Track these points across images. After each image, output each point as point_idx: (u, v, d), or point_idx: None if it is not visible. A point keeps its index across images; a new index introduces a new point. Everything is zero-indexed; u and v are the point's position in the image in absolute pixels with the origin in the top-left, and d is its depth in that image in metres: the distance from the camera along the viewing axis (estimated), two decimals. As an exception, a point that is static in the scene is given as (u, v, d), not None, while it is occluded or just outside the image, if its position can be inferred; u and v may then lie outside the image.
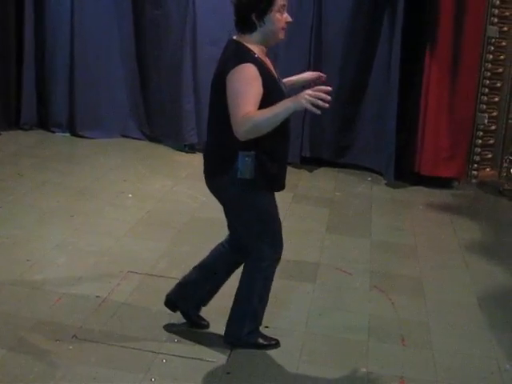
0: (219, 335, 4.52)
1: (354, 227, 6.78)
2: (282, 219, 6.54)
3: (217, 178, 4.19)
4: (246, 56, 3.97)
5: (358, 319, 4.97)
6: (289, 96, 4.03)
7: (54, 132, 9.09)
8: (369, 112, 8.45)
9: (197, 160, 8.39)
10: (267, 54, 4.15)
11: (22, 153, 8.38)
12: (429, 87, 7.90)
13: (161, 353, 4.33)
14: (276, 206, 4.34)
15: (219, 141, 4.15)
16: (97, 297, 4.89)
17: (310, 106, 3.74)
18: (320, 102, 3.73)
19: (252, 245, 4.34)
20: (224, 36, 8.44)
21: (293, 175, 8.13)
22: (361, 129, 8.55)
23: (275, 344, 4.52)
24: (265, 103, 3.89)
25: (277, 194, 7.22)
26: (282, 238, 4.39)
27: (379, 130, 8.34)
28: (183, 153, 8.71)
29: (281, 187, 4.32)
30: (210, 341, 4.51)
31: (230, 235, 4.57)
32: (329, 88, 3.84)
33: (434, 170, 8.06)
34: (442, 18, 7.75)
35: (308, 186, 7.92)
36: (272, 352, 4.46)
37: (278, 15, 3.99)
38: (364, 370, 4.35)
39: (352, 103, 8.48)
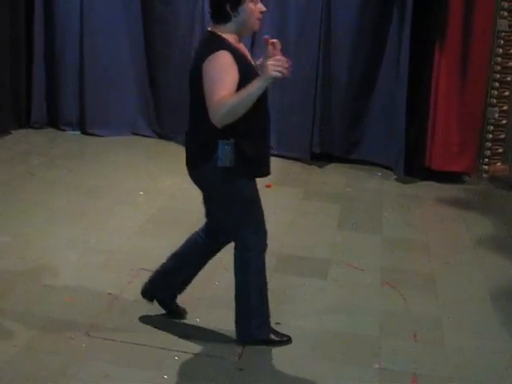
0: (231, 331, 4.52)
1: (365, 223, 6.77)
2: (292, 215, 6.67)
3: (198, 168, 4.21)
4: (220, 44, 4.01)
5: (370, 315, 4.96)
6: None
7: (64, 130, 9.12)
8: (378, 107, 8.43)
9: (207, 157, 8.45)
10: (241, 42, 4.19)
11: (33, 151, 8.41)
12: (439, 82, 7.87)
13: (173, 350, 4.34)
14: (258, 194, 4.34)
15: (199, 131, 4.19)
16: (109, 294, 4.90)
17: (278, 74, 3.83)
18: (284, 70, 3.85)
19: (235, 234, 4.38)
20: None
21: (303, 171, 8.19)
22: (370, 124, 8.53)
23: (287, 340, 4.53)
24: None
25: (287, 191, 7.32)
26: (264, 225, 4.39)
27: (389, 126, 8.32)
28: (193, 150, 8.70)
29: (263, 173, 4.32)
30: (222, 338, 4.52)
31: (207, 224, 4.60)
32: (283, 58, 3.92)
33: (444, 164, 8.04)
34: (451, 12, 7.72)
35: (319, 182, 7.91)
36: (284, 348, 4.46)
37: (251, 5, 4.06)
38: (376, 366, 4.34)
39: (361, 99, 8.47)
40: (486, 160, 8.29)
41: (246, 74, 3.98)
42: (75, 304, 4.79)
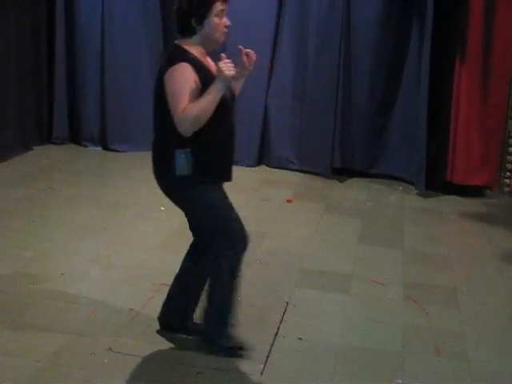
0: (253, 346, 4.52)
1: (387, 237, 6.75)
2: (313, 230, 6.68)
3: (162, 178, 4.32)
4: (182, 56, 4.10)
5: (392, 330, 4.94)
6: (230, 93, 4.25)
7: (85, 146, 9.18)
8: (399, 121, 8.44)
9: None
10: (209, 56, 4.29)
11: (55, 167, 8.45)
12: (459, 95, 7.86)
13: (195, 366, 4.33)
14: (224, 198, 4.38)
15: (160, 142, 4.29)
16: (131, 310, 4.90)
17: (233, 73, 4.00)
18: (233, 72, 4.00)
19: (208, 238, 4.43)
20: (253, 49, 8.54)
21: (324, 186, 8.19)
22: (391, 138, 8.54)
23: (240, 349, 4.48)
24: None
25: (308, 206, 7.33)
26: (237, 228, 4.41)
27: (410, 140, 8.32)
28: (214, 165, 8.72)
29: (223, 179, 4.38)
30: (244, 353, 4.50)
31: (193, 236, 4.65)
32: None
33: (465, 178, 8.02)
34: (471, 24, 7.73)
35: (339, 197, 7.91)
36: (307, 363, 4.44)
37: (216, 19, 4.14)
38: (399, 381, 4.31)
39: (382, 113, 8.49)
40: (508, 174, 8.25)
41: (208, 85, 4.05)
42: (97, 319, 4.80)
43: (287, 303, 5.18)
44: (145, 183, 7.78)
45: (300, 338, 4.68)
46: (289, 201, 7.56)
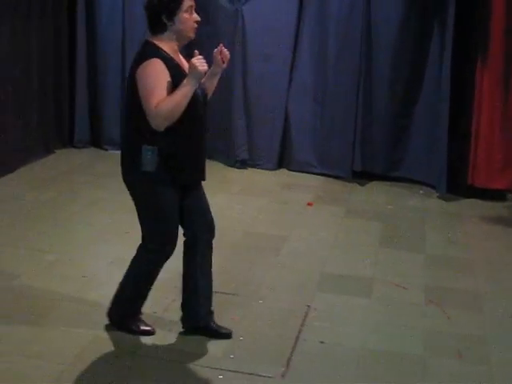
0: (275, 350, 4.54)
1: (408, 241, 6.74)
2: (334, 234, 6.69)
3: (127, 171, 4.39)
4: (152, 53, 4.19)
5: (414, 334, 4.93)
6: (202, 91, 4.37)
7: (106, 150, 9.22)
8: (420, 124, 8.41)
9: (248, 176, 8.51)
10: (181, 53, 4.37)
11: (76, 170, 8.49)
12: (481, 98, 7.83)
13: (217, 368, 4.34)
14: (176, 204, 4.42)
15: (128, 137, 4.39)
16: (154, 313, 4.91)
17: (206, 68, 4.11)
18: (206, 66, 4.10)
19: (144, 232, 4.49)
20: (274, 51, 8.62)
21: (344, 189, 8.19)
22: (412, 141, 8.52)
23: (149, 332, 4.63)
24: None
25: (329, 209, 7.33)
26: (172, 238, 4.48)
27: (431, 143, 8.31)
28: (235, 169, 8.77)
29: (188, 180, 4.45)
30: (265, 356, 4.51)
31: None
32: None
33: (487, 182, 7.99)
34: (492, 27, 7.69)
35: (360, 200, 7.90)
36: (328, 367, 4.44)
37: (185, 15, 4.22)
38: (421, 385, 4.32)
39: (403, 116, 8.47)
40: (530, 177, 8.20)
41: (179, 82, 4.12)
42: (120, 322, 4.82)
43: (309, 307, 5.19)
44: (166, 187, 7.83)
45: (322, 342, 4.69)
46: (309, 204, 7.56)
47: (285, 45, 8.64)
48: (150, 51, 4.21)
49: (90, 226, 6.56)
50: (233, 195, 7.76)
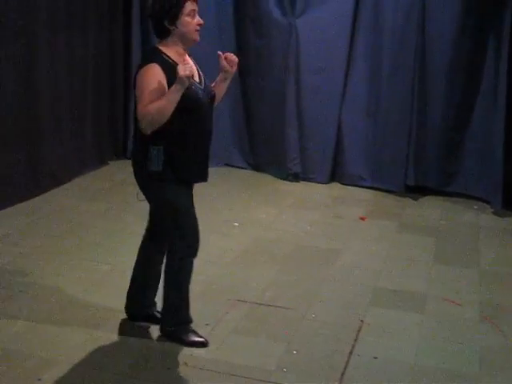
0: (328, 365, 4.52)
1: (462, 256, 6.66)
2: (387, 248, 6.64)
3: (137, 172, 4.51)
4: (153, 57, 4.32)
5: (469, 351, 4.87)
6: (209, 95, 4.53)
7: (159, 161, 9.25)
8: (475, 138, 8.32)
9: (301, 189, 8.51)
10: (190, 56, 4.52)
11: (130, 182, 8.37)
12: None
13: (270, 382, 4.33)
14: (189, 201, 4.59)
15: (138, 137, 4.45)
16: (206, 325, 4.93)
17: (188, 73, 4.11)
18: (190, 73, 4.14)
19: (165, 237, 4.66)
20: (327, 65, 8.62)
21: (397, 204, 8.14)
22: (467, 156, 8.43)
23: (201, 344, 4.68)
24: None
25: (381, 224, 7.28)
26: (194, 231, 4.63)
27: (486, 157, 8.22)
28: (287, 181, 8.76)
29: (193, 179, 4.60)
30: (318, 370, 4.49)
31: (148, 225, 4.87)
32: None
33: (544, 197, 7.88)
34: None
35: (413, 215, 7.83)
36: (382, 383, 4.40)
37: (187, 19, 4.34)
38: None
39: (457, 130, 8.39)
40: None
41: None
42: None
43: (362, 321, 5.16)
44: (218, 199, 7.89)
45: (375, 357, 4.66)
46: (362, 218, 7.53)
47: (338, 59, 8.62)
48: (151, 56, 4.36)
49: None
50: (285, 208, 7.76)
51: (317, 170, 8.84)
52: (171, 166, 4.36)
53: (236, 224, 7.12)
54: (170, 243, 4.62)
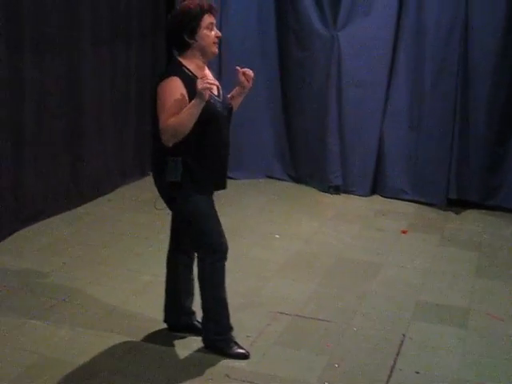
0: (370, 379, 4.51)
1: (505, 271, 6.58)
2: (429, 262, 6.60)
3: (157, 181, 4.58)
4: (174, 70, 4.40)
5: (513, 367, 4.83)
6: (227, 108, 4.60)
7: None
8: (518, 152, 8.26)
9: (342, 201, 8.49)
10: (209, 68, 4.63)
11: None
12: None
13: (312, 395, 4.33)
14: (210, 207, 4.61)
15: (156, 148, 4.50)
16: (247, 337, 4.93)
17: (208, 91, 4.19)
18: (209, 86, 4.19)
19: (192, 244, 4.71)
20: (369, 78, 8.60)
21: (439, 217, 8.08)
22: (509, 170, 8.34)
23: (243, 355, 4.69)
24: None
25: (423, 237, 7.24)
26: (219, 235, 4.63)
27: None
28: (328, 194, 8.74)
29: (211, 189, 4.63)
30: (360, 383, 4.49)
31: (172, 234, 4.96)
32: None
33: None
34: None
35: (455, 229, 7.77)
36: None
37: (206, 32, 4.42)
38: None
39: (500, 144, 8.31)
40: None
41: None
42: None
43: (404, 335, 5.13)
44: (259, 211, 7.90)
45: (417, 372, 4.63)
46: (404, 232, 7.48)
47: (380, 71, 8.60)
48: (172, 69, 4.44)
49: (184, 249, 6.62)
50: (326, 221, 7.74)
51: (358, 183, 8.81)
52: (189, 176, 4.41)
53: (277, 236, 7.12)
54: (197, 250, 4.67)
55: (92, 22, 7.71)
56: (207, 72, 4.54)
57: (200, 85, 4.14)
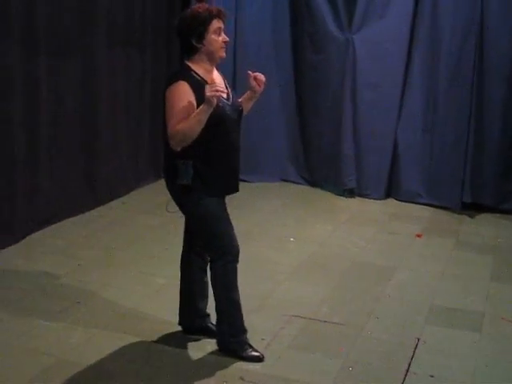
0: (384, 381, 4.50)
1: (520, 276, 6.58)
2: (444, 266, 6.59)
3: (169, 184, 4.58)
4: (182, 74, 4.40)
5: (527, 372, 4.80)
6: (237, 112, 4.60)
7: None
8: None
9: (356, 205, 8.48)
10: (219, 71, 4.65)
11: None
12: None
13: (325, 398, 4.32)
14: (221, 211, 4.61)
15: (167, 151, 4.50)
16: (262, 339, 4.92)
17: (215, 99, 4.18)
18: (218, 93, 4.18)
19: (203, 247, 4.74)
20: (384, 81, 8.59)
21: (453, 221, 8.06)
22: (524, 174, 8.33)
23: (257, 358, 4.69)
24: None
25: (438, 241, 7.22)
26: (231, 237, 4.64)
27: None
28: (342, 197, 8.74)
29: (222, 192, 4.62)
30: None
31: (185, 237, 4.97)
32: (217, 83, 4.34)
33: None
34: None
35: (469, 232, 7.74)
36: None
37: (214, 36, 4.42)
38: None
39: (515, 147, 8.30)
40: None
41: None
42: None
43: (418, 339, 5.11)
44: (274, 214, 7.90)
45: (432, 376, 4.61)
46: (418, 235, 7.47)
47: (395, 75, 8.59)
48: (180, 73, 4.43)
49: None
50: (340, 224, 7.73)
51: (372, 186, 8.81)
52: (200, 179, 4.42)
53: (292, 239, 7.11)
54: (209, 252, 4.68)
55: (107, 26, 7.73)
56: (216, 75, 4.55)
57: (208, 92, 4.14)
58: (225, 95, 4.44)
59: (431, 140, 8.57)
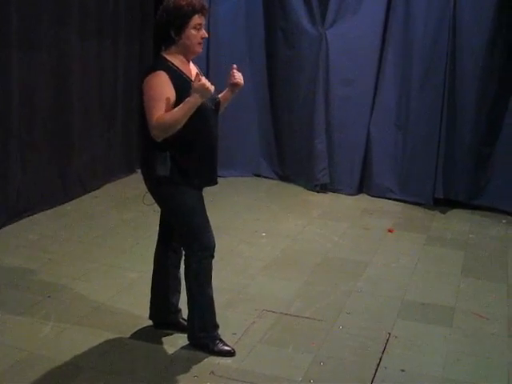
0: (355, 377, 4.51)
1: (490, 271, 6.61)
2: (415, 261, 6.62)
3: (146, 177, 4.56)
4: (159, 65, 4.38)
5: (497, 367, 4.82)
6: (214, 103, 4.57)
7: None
8: (505, 152, 8.25)
9: (329, 200, 8.50)
10: (195, 64, 4.66)
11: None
12: None
13: (297, 392, 4.33)
14: (199, 203, 4.59)
15: (144, 144, 4.53)
16: (233, 334, 4.93)
17: (208, 93, 4.24)
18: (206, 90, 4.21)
19: (180, 240, 4.72)
20: (356, 76, 8.62)
21: (425, 216, 8.10)
22: (496, 169, 8.36)
23: (228, 353, 4.70)
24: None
25: (409, 236, 7.26)
26: (207, 232, 4.62)
27: (515, 171, 8.18)
28: (315, 192, 8.77)
29: (200, 184, 4.59)
30: (345, 381, 4.47)
31: (160, 230, 4.96)
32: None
33: None
34: None
35: (441, 228, 7.79)
36: (409, 396, 4.39)
37: (193, 31, 4.41)
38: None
39: (486, 144, 8.33)
40: None
41: (184, 94, 4.25)
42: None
43: (389, 334, 5.14)
44: (247, 209, 7.91)
45: (402, 370, 4.64)
46: (390, 231, 7.50)
47: (368, 70, 8.62)
48: (157, 64, 4.40)
49: (171, 246, 6.61)
50: (313, 219, 7.75)
51: (345, 182, 8.84)
52: (178, 170, 4.40)
53: (263, 234, 7.12)
54: (185, 247, 4.65)
55: (80, 19, 7.69)
56: (192, 67, 4.55)
57: (196, 84, 4.17)
58: (213, 90, 4.40)
59: (404, 136, 8.60)
